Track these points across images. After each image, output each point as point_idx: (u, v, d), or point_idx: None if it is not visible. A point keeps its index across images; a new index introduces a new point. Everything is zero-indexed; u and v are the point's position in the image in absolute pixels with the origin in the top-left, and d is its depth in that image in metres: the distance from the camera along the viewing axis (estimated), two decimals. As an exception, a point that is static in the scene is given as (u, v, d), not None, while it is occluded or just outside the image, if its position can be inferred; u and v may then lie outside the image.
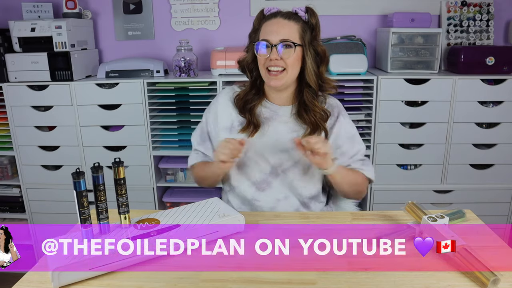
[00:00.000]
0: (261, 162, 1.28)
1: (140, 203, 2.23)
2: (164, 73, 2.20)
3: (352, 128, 1.33)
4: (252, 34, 1.26)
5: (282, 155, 1.27)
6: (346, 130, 1.30)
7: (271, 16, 1.22)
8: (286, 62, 1.18)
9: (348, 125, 1.32)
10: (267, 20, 1.21)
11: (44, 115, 2.17)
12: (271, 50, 1.17)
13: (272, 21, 1.20)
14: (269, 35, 1.18)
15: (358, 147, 1.32)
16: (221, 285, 0.86)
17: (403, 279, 0.87)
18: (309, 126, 1.24)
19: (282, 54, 1.17)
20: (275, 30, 1.18)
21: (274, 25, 1.19)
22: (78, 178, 0.90)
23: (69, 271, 0.85)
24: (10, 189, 2.36)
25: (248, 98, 1.28)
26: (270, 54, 1.17)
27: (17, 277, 0.90)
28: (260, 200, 1.29)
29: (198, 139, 1.37)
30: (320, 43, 1.24)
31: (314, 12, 1.23)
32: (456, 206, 1.63)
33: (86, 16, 2.36)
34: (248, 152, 1.26)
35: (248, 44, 1.28)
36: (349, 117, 1.34)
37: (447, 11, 2.27)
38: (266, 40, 1.18)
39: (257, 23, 1.24)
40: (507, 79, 2.02)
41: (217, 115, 1.32)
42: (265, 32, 1.20)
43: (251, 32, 1.27)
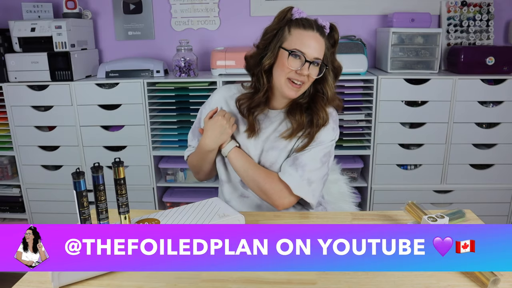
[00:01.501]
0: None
1: (140, 203, 2.24)
2: (164, 73, 2.20)
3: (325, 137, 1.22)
4: (272, 32, 1.18)
5: (265, 154, 1.27)
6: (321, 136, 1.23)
7: (306, 26, 1.15)
8: (309, 78, 1.17)
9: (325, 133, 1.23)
10: (301, 28, 1.15)
11: (44, 115, 2.17)
12: (303, 64, 1.14)
13: (309, 34, 1.15)
14: (306, 48, 1.13)
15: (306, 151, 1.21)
16: (221, 285, 0.87)
17: (403, 279, 0.87)
18: (294, 124, 1.22)
19: (311, 70, 1.15)
20: (312, 45, 1.14)
21: (312, 39, 1.14)
22: (78, 178, 0.90)
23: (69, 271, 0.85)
24: (10, 189, 2.36)
25: (260, 102, 1.23)
26: (301, 68, 1.14)
27: (17, 277, 0.90)
28: (249, 196, 1.30)
29: (191, 135, 1.41)
30: (337, 60, 1.23)
31: (337, 29, 1.21)
32: (456, 206, 1.63)
33: (86, 16, 2.36)
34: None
35: (266, 42, 1.19)
36: (333, 125, 1.25)
37: (447, 11, 2.27)
38: (303, 53, 1.13)
39: (282, 23, 1.17)
40: (507, 79, 2.02)
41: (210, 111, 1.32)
42: (301, 44, 1.14)
43: (270, 30, 1.19)
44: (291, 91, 1.18)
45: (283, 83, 1.17)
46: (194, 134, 1.40)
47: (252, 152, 1.27)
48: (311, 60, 1.14)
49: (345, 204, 1.49)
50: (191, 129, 1.42)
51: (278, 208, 1.22)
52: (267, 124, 1.27)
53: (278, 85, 1.19)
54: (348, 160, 2.23)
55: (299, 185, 1.19)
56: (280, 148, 1.24)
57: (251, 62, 1.23)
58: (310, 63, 1.14)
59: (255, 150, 1.27)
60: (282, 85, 1.18)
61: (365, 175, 2.23)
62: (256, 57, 1.22)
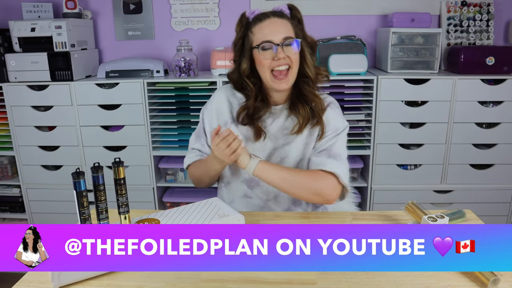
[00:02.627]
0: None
1: (140, 203, 2.23)
2: (164, 73, 2.20)
3: (338, 123, 1.26)
4: (238, 41, 1.22)
5: (272, 153, 1.27)
6: (333, 122, 1.25)
7: (262, 18, 1.19)
8: (292, 59, 1.17)
9: (336, 119, 1.26)
10: (257, 23, 1.19)
11: (44, 115, 2.17)
12: (275, 50, 1.15)
13: (266, 22, 1.18)
14: (269, 35, 1.16)
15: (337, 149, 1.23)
16: (221, 285, 0.87)
17: (403, 279, 0.87)
18: (300, 118, 1.23)
19: (287, 51, 1.16)
20: (274, 29, 1.16)
21: (271, 25, 1.17)
22: (78, 178, 0.90)
23: (69, 271, 0.85)
24: (10, 189, 2.36)
25: (257, 106, 1.23)
26: (276, 54, 1.15)
27: (17, 277, 0.90)
28: (252, 197, 1.30)
29: (194, 137, 1.36)
30: (309, 35, 1.24)
31: (296, 8, 1.24)
32: (456, 206, 1.63)
33: (86, 16, 2.36)
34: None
35: (238, 52, 1.23)
36: (340, 112, 1.29)
37: (447, 11, 2.27)
38: (269, 41, 1.16)
39: (243, 29, 1.21)
40: (507, 79, 2.02)
41: (213, 112, 1.31)
42: (264, 34, 1.16)
43: (236, 41, 1.23)
44: (280, 84, 1.19)
45: (269, 79, 1.19)
46: (198, 136, 1.35)
47: (261, 152, 1.26)
48: (280, 42, 1.15)
49: (345, 204, 1.49)
50: (194, 132, 1.38)
51: (331, 202, 1.21)
52: (271, 120, 1.27)
53: (267, 83, 1.21)
54: (348, 160, 2.22)
55: (345, 173, 1.21)
56: (291, 143, 1.25)
57: (234, 76, 1.27)
58: (281, 45, 1.15)
59: (264, 150, 1.27)
60: (269, 81, 1.19)
61: (365, 175, 2.23)
62: (236, 70, 1.25)
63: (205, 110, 1.35)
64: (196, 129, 1.37)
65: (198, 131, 1.36)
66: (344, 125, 1.27)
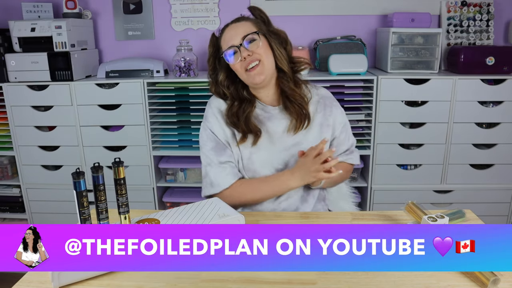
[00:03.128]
0: (267, 166, 1.26)
1: (140, 203, 2.23)
2: (164, 73, 2.20)
3: (344, 118, 1.36)
4: (211, 57, 1.28)
5: (285, 156, 1.27)
6: (340, 120, 1.34)
7: (223, 28, 1.26)
8: (259, 52, 1.19)
9: (341, 115, 1.35)
10: (221, 34, 1.25)
11: (44, 115, 2.17)
12: (240, 52, 1.19)
13: (226, 30, 1.24)
14: (230, 41, 1.21)
15: (352, 140, 1.40)
16: (221, 285, 0.87)
17: (403, 279, 0.87)
18: (293, 116, 1.25)
19: (251, 47, 1.19)
20: (233, 34, 1.21)
21: (230, 31, 1.23)
22: (78, 178, 0.90)
23: (69, 271, 0.85)
24: (10, 189, 2.36)
25: (237, 110, 1.24)
26: (241, 55, 1.19)
27: (17, 277, 0.90)
28: (263, 204, 1.29)
29: (214, 152, 1.24)
30: (276, 27, 1.27)
31: (258, 8, 1.27)
32: (456, 206, 1.63)
33: (86, 16, 2.36)
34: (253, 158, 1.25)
35: (212, 66, 1.29)
36: (340, 107, 1.37)
37: (447, 11, 2.27)
38: (230, 46, 1.20)
39: (215, 45, 1.27)
40: (507, 79, 2.02)
41: (219, 122, 1.27)
42: (225, 42, 1.22)
43: (209, 57, 1.29)
44: (254, 77, 1.20)
45: (246, 77, 1.22)
46: (219, 150, 1.24)
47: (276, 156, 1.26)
48: (240, 43, 1.19)
49: (345, 203, 1.49)
50: (210, 149, 1.25)
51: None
52: (275, 122, 1.27)
53: (246, 81, 1.24)
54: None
55: (357, 158, 1.40)
56: (301, 143, 1.26)
57: (215, 89, 1.31)
58: (242, 45, 1.18)
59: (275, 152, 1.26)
60: (246, 79, 1.23)
61: (365, 175, 2.23)
62: (214, 84, 1.30)
63: (209, 124, 1.27)
64: (211, 145, 1.25)
65: (216, 146, 1.24)
66: (346, 118, 1.38)
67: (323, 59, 2.22)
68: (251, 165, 1.25)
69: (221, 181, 1.23)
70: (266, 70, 1.21)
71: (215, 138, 1.26)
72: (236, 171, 1.26)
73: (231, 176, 1.23)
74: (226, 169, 1.23)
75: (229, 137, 1.27)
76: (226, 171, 1.23)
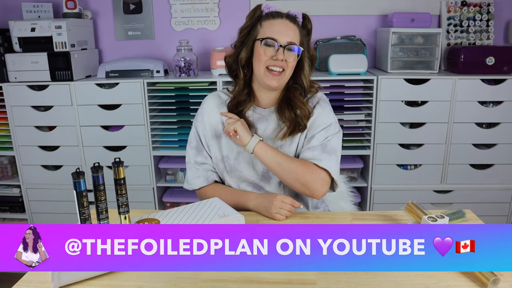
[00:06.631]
0: (250, 168, 1.27)
1: (140, 203, 2.23)
2: (164, 73, 2.20)
3: (328, 119, 1.25)
4: (245, 30, 1.23)
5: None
6: (322, 120, 1.25)
7: (275, 15, 1.21)
8: (288, 64, 1.19)
9: (324, 116, 1.26)
10: (270, 19, 1.20)
11: (44, 115, 2.17)
12: (277, 50, 1.17)
13: (278, 21, 1.20)
14: (277, 34, 1.17)
15: (325, 135, 1.23)
16: (221, 285, 0.87)
17: (403, 279, 0.87)
18: (287, 123, 1.23)
19: (287, 55, 1.17)
20: (283, 31, 1.18)
21: (281, 26, 1.19)
22: (78, 178, 0.90)
23: (69, 271, 0.85)
24: (10, 189, 2.36)
25: (241, 99, 1.25)
26: (276, 53, 1.17)
27: (17, 277, 0.90)
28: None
29: (195, 151, 1.31)
30: (312, 49, 1.27)
31: (310, 19, 1.25)
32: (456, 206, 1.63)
33: (86, 16, 2.36)
34: (239, 158, 1.26)
35: (241, 39, 1.24)
36: (329, 107, 1.29)
37: (447, 11, 2.27)
38: (275, 39, 1.17)
39: (254, 20, 1.22)
40: (507, 79, 2.02)
41: (205, 123, 1.29)
42: (272, 31, 1.18)
43: (243, 28, 1.24)
44: (271, 80, 1.19)
45: (263, 73, 1.20)
46: (198, 150, 1.30)
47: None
48: (284, 45, 1.17)
49: (344, 203, 1.49)
50: (192, 146, 1.32)
51: (318, 197, 1.21)
52: (264, 124, 1.27)
53: (259, 76, 1.21)
54: (348, 160, 2.23)
55: (336, 169, 1.22)
56: (284, 146, 1.25)
57: (230, 60, 1.27)
58: (284, 48, 1.16)
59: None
60: (262, 75, 1.20)
61: (365, 175, 2.23)
62: (234, 56, 1.26)
63: (197, 123, 1.32)
64: (194, 143, 1.31)
65: (197, 145, 1.31)
66: (332, 119, 1.26)
67: (323, 59, 2.22)
68: (238, 165, 1.26)
69: (193, 182, 1.31)
70: (283, 81, 1.21)
71: (197, 137, 1.31)
72: (210, 175, 1.30)
73: (202, 179, 1.30)
74: (199, 171, 1.30)
75: (214, 135, 1.28)
76: (198, 173, 1.30)
